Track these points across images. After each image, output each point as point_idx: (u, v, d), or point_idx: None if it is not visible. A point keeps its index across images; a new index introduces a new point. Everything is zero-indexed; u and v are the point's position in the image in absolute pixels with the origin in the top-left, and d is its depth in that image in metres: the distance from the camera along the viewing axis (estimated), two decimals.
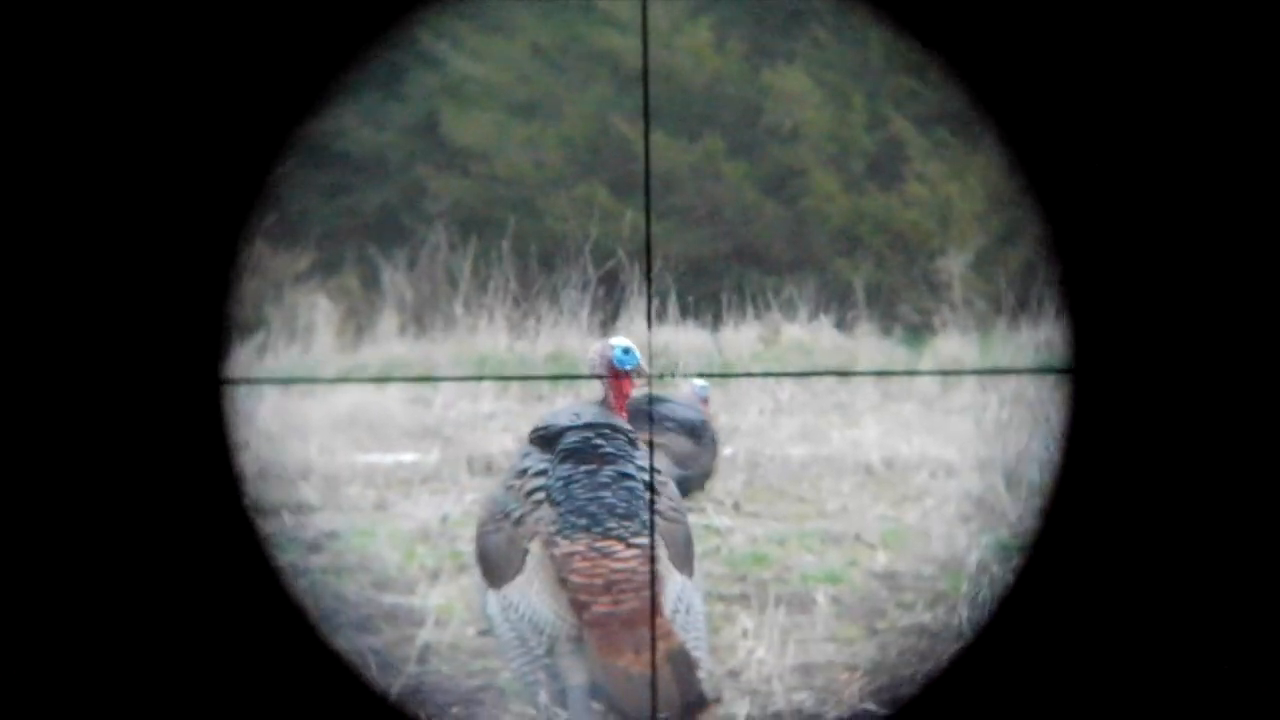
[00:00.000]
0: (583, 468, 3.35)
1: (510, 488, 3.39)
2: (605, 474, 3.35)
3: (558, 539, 3.29)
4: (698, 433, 5.07)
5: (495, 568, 3.34)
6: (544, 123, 7.01)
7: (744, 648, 4.27)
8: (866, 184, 6.91)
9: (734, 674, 4.14)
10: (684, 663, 3.22)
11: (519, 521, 3.33)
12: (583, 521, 3.30)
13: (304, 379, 5.84)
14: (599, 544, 3.28)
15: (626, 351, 3.50)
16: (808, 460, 5.67)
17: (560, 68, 7.05)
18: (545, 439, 3.42)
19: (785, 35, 7.00)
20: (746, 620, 4.40)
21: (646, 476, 3.38)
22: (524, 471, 3.38)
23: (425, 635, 4.28)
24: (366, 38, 3.28)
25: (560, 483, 3.33)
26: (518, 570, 3.31)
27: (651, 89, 7.11)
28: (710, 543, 4.99)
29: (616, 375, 3.47)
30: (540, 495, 3.34)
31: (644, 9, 4.06)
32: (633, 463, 3.38)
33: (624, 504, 3.32)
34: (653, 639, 3.21)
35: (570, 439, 3.37)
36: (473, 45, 6.97)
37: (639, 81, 7.09)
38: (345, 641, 4.27)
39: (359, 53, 3.28)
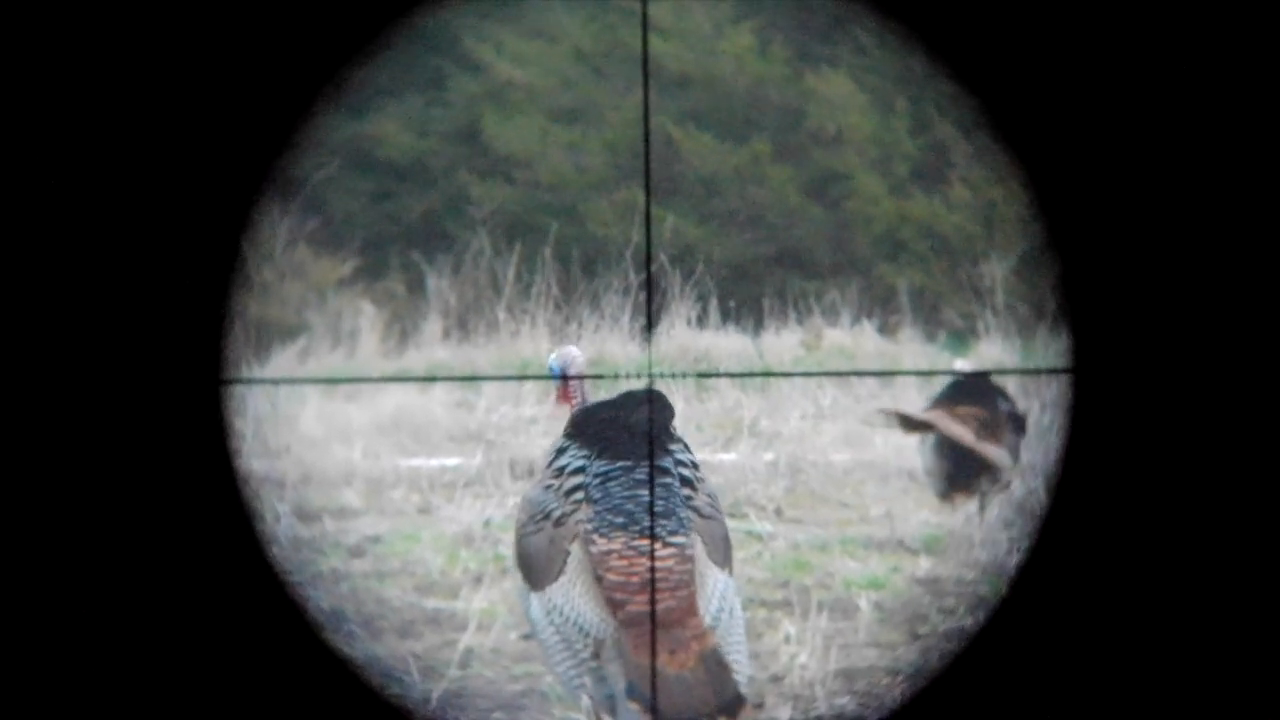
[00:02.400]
0: (620, 463, 3.33)
1: (549, 487, 3.36)
2: (643, 470, 3.32)
3: (595, 537, 3.27)
4: (1023, 425, 5.02)
5: (537, 569, 3.33)
6: (586, 128, 7.02)
7: (786, 653, 4.27)
8: (910, 188, 6.89)
9: (776, 679, 4.14)
10: (717, 664, 3.20)
11: (560, 522, 3.32)
12: (620, 520, 3.28)
13: (301, 379, 5.84)
14: (636, 543, 3.27)
15: (550, 368, 3.56)
16: (850, 465, 5.66)
17: (602, 73, 7.06)
18: (580, 424, 3.40)
19: (828, 40, 6.98)
20: (789, 626, 4.39)
21: (684, 471, 3.36)
22: (562, 470, 3.36)
23: (468, 640, 4.30)
24: (370, 33, 3.27)
25: (598, 480, 3.32)
26: (560, 571, 3.29)
27: (694, 94, 7.11)
28: (752, 549, 4.98)
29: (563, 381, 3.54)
30: (579, 495, 3.32)
31: (644, 7, 4.04)
32: (672, 456, 3.36)
33: (661, 501, 3.30)
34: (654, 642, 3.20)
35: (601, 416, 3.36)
36: (515, 50, 6.99)
37: (683, 86, 7.10)
38: (386, 647, 4.30)
39: (360, 50, 3.27)
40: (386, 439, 5.81)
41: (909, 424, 5.02)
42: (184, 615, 3.12)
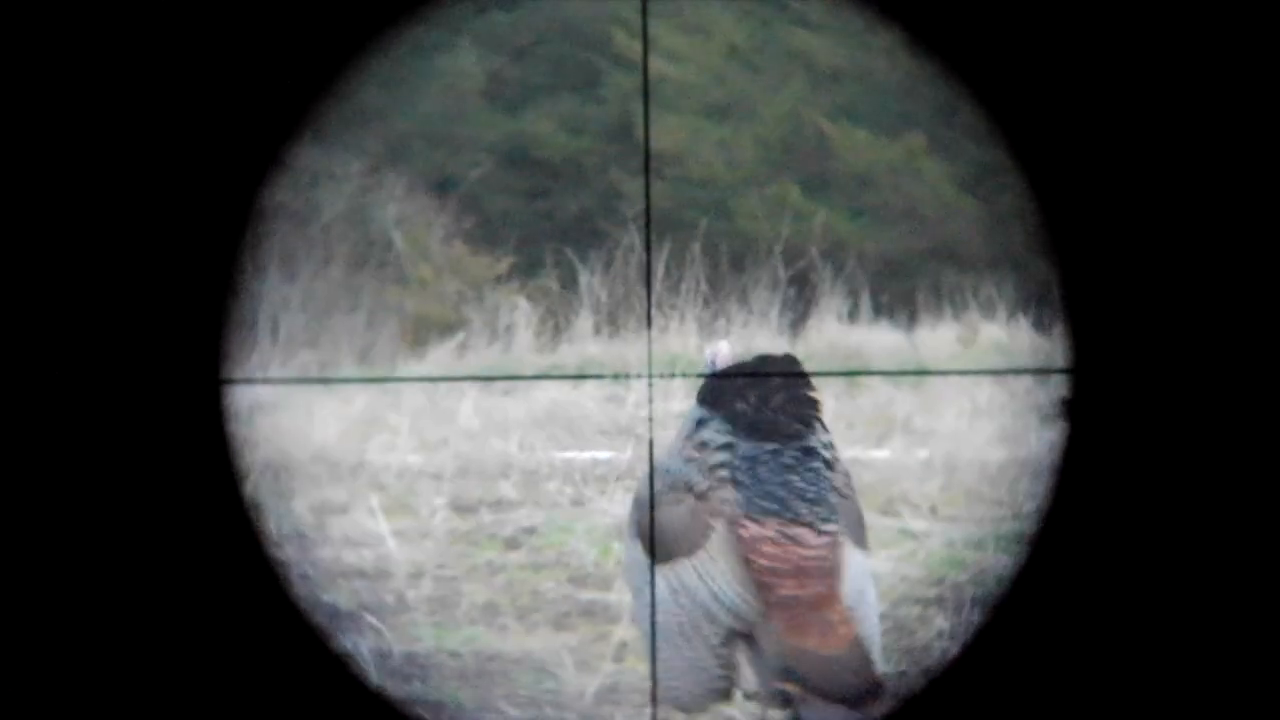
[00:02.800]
0: (767, 446, 3.29)
1: (691, 460, 3.27)
2: (790, 454, 3.29)
3: (745, 521, 3.24)
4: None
5: (672, 540, 3.25)
6: (738, 123, 7.03)
7: (939, 648, 4.24)
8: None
9: (929, 674, 4.11)
10: (864, 649, 3.18)
11: (703, 496, 3.28)
12: (773, 506, 3.24)
13: (315, 379, 5.91)
14: (790, 530, 3.23)
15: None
16: (1005, 463, 5.59)
17: (755, 67, 7.06)
18: (717, 394, 3.35)
19: None
20: (942, 622, 4.36)
21: (828, 453, 3.31)
22: (704, 444, 3.30)
23: (620, 632, 4.32)
24: (370, 33, 3.27)
25: (746, 463, 3.27)
26: (696, 546, 3.29)
27: (848, 88, 7.08)
28: (906, 546, 4.95)
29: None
30: (725, 473, 3.28)
31: (643, 7, 4.01)
32: (816, 437, 3.32)
33: (812, 487, 3.26)
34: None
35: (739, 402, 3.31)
36: (669, 46, 7.02)
37: (835, 80, 7.07)
38: (540, 639, 4.35)
39: (359, 50, 3.27)
40: (541, 432, 5.88)
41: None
42: (183, 615, 3.14)
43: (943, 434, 5.82)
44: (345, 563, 4.78)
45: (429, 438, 5.80)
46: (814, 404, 3.36)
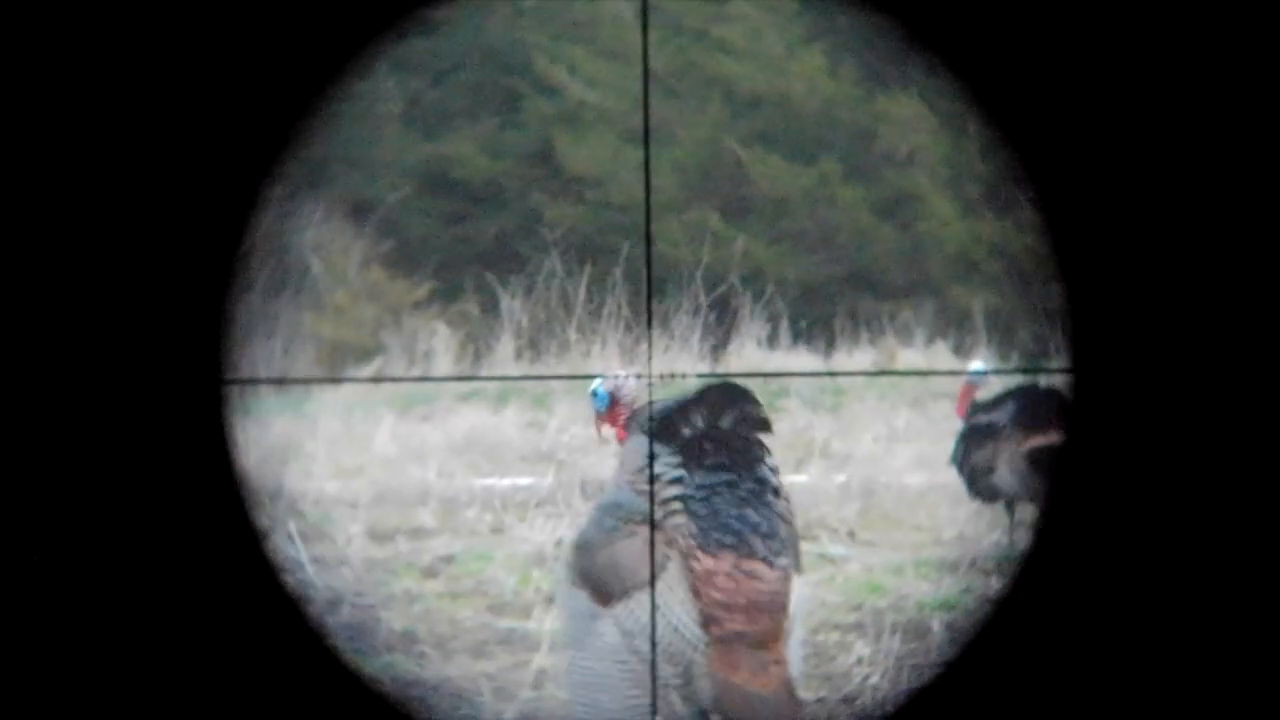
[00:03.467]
0: (723, 477, 3.26)
1: (641, 493, 3.27)
2: (746, 487, 3.26)
3: (699, 554, 3.21)
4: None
5: (627, 575, 3.21)
6: (657, 148, 7.04)
7: (859, 674, 4.25)
8: (983, 209, 6.85)
9: (849, 700, 4.12)
10: (793, 691, 3.17)
11: (658, 526, 3.23)
12: (729, 539, 3.22)
13: (302, 379, 5.86)
14: (745, 565, 3.20)
15: (594, 394, 3.53)
16: (924, 488, 5.63)
17: (674, 93, 7.08)
18: (664, 425, 3.31)
19: (898, 61, 6.97)
20: (862, 648, 4.37)
21: (775, 479, 3.29)
22: (657, 477, 3.26)
23: (540, 660, 4.30)
24: (364, 36, 3.27)
25: (701, 493, 3.25)
26: (650, 580, 3.22)
27: (765, 114, 7.12)
28: (825, 571, 4.96)
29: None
30: (679, 505, 3.25)
31: (644, 7, 4.03)
32: (766, 462, 3.30)
33: (766, 521, 3.24)
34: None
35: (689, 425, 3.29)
36: (589, 72, 7.02)
37: (754, 106, 7.10)
38: (459, 667, 4.32)
39: (358, 50, 3.27)
40: (460, 458, 5.84)
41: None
42: (182, 615, 3.13)
43: (860, 458, 5.85)
44: None
45: (345, 465, 5.75)
46: (764, 424, 3.34)
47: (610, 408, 3.51)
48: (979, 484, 5.03)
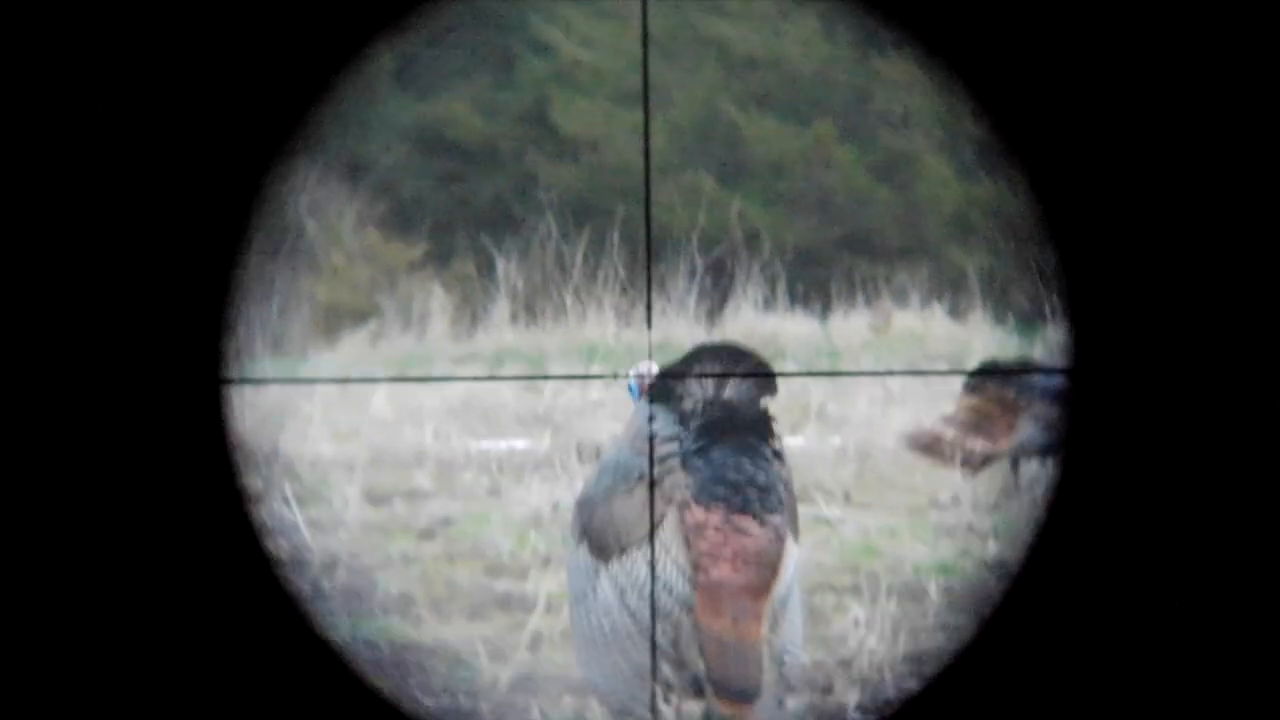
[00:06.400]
0: (723, 432, 3.25)
1: (641, 453, 3.27)
2: (745, 441, 3.25)
3: (693, 505, 3.21)
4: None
5: (625, 532, 3.22)
6: (652, 110, 7.01)
7: (855, 637, 4.27)
8: (978, 171, 6.84)
9: (845, 663, 4.14)
10: (757, 651, 3.16)
11: (656, 482, 3.24)
12: (723, 490, 3.22)
13: (304, 379, 5.86)
14: (735, 520, 3.20)
15: (629, 389, 3.53)
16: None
17: (670, 54, 7.05)
18: (665, 387, 3.32)
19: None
20: (858, 610, 4.39)
21: (778, 444, 3.29)
22: (654, 436, 3.27)
23: (536, 622, 4.31)
24: (363, 35, 3.26)
25: (699, 448, 3.24)
26: (649, 534, 3.24)
27: (761, 76, 7.09)
28: (820, 534, 4.98)
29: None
30: (676, 461, 3.25)
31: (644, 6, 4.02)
32: (767, 425, 3.29)
33: (763, 473, 3.24)
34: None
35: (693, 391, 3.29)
36: (583, 32, 6.99)
37: (749, 68, 7.07)
38: (455, 630, 4.33)
39: (357, 51, 3.27)
40: (457, 421, 5.84)
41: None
42: (182, 614, 3.13)
43: (856, 422, 5.86)
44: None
45: (341, 427, 5.75)
46: (770, 382, 3.33)
47: (643, 395, 3.53)
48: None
